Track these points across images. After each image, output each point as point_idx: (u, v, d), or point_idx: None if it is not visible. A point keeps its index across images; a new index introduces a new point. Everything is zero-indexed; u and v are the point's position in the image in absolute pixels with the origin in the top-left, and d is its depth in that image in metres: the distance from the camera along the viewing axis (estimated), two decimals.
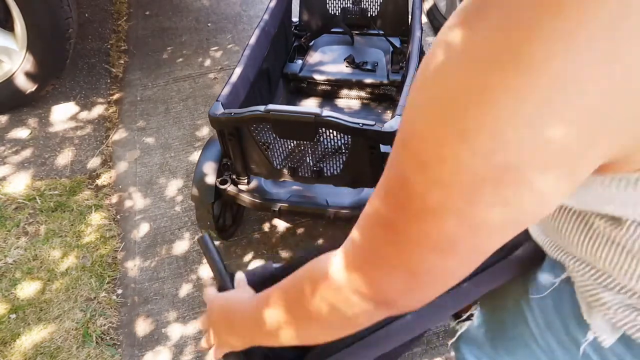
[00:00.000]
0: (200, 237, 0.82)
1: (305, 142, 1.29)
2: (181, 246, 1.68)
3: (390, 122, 1.20)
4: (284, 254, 1.64)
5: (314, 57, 1.89)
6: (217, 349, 0.68)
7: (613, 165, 0.39)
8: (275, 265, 0.78)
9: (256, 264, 1.61)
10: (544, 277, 0.69)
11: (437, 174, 0.38)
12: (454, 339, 0.94)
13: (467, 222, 0.39)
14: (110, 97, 2.24)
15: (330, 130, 1.22)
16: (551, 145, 0.33)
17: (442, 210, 0.39)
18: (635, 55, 0.30)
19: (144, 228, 1.74)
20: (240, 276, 0.72)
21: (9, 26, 1.97)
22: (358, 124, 1.18)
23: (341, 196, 1.42)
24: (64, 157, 2.00)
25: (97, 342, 1.45)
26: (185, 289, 1.56)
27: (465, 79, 0.34)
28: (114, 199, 1.84)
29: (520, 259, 0.77)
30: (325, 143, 1.27)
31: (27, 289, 1.57)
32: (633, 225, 0.47)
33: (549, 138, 0.33)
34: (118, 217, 1.78)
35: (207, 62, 2.39)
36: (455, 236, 0.40)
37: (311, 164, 1.33)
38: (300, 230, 1.70)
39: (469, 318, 0.90)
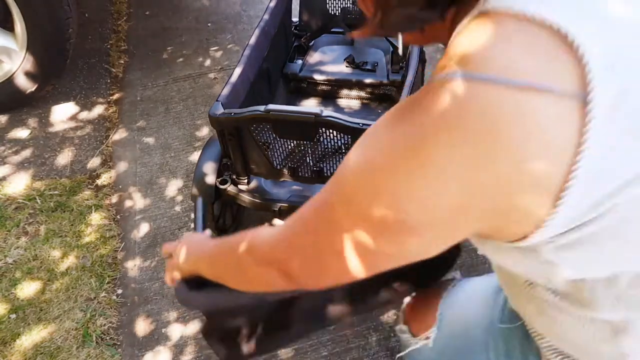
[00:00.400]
0: (194, 197, 1.14)
1: (305, 142, 1.29)
2: None
3: None
4: None
5: (314, 57, 1.89)
6: (168, 270, 0.88)
7: (493, 235, 0.52)
8: None
9: None
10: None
11: (356, 211, 0.52)
12: (403, 353, 0.98)
13: (368, 247, 0.53)
14: (110, 97, 2.24)
15: (330, 130, 1.22)
16: (430, 213, 0.48)
17: (351, 233, 0.53)
18: (483, 171, 0.44)
19: (144, 228, 1.74)
20: (208, 232, 0.95)
21: (9, 26, 1.97)
22: (358, 124, 1.18)
23: None
24: (64, 157, 2.00)
25: (97, 342, 1.45)
26: None
27: (383, 162, 0.49)
28: (114, 199, 1.84)
29: None
30: (325, 143, 1.27)
31: (27, 289, 1.57)
32: (537, 285, 0.60)
33: (428, 207, 0.47)
34: (118, 217, 1.78)
35: (207, 62, 2.39)
36: (357, 253, 0.54)
37: (311, 164, 1.33)
38: None
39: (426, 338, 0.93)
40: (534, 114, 0.42)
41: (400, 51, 0.57)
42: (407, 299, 1.01)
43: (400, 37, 0.57)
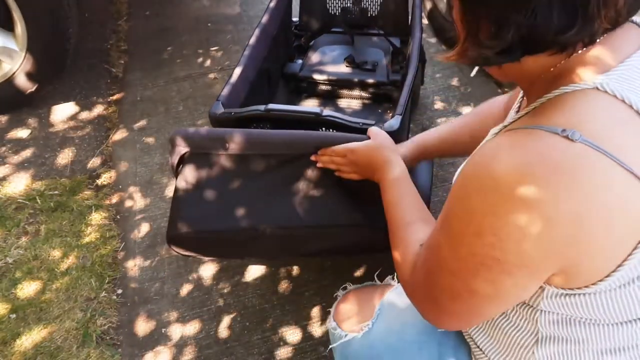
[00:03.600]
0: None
1: None
2: None
3: (390, 122, 1.20)
4: None
5: (314, 57, 1.89)
6: (345, 172, 1.06)
7: (562, 281, 0.58)
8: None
9: (257, 264, 1.60)
10: None
11: (458, 251, 0.60)
12: (333, 345, 0.97)
13: (467, 286, 0.60)
14: (110, 97, 2.24)
15: (331, 130, 1.22)
16: (520, 254, 0.54)
17: (455, 274, 0.61)
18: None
19: (144, 228, 1.74)
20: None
21: (9, 26, 1.97)
22: (358, 123, 1.18)
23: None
24: (64, 157, 2.00)
25: (97, 342, 1.45)
26: (185, 289, 1.56)
27: (489, 205, 0.55)
28: (114, 199, 1.84)
29: None
30: None
31: (27, 289, 1.57)
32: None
33: (518, 249, 0.54)
34: (118, 217, 1.78)
35: (207, 62, 2.39)
36: (459, 293, 0.62)
37: None
38: None
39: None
40: (633, 200, 0.51)
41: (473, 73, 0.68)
42: (339, 295, 1.04)
43: (476, 68, 0.67)
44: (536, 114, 0.58)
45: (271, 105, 1.21)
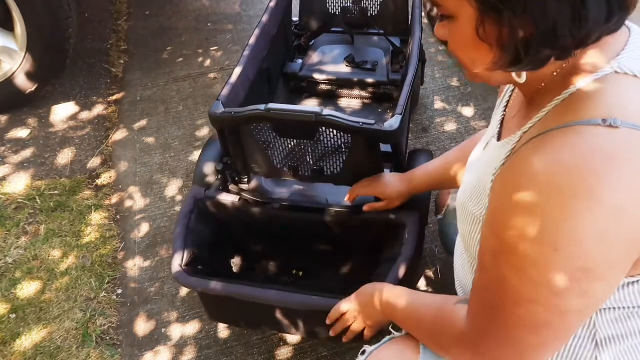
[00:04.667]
0: None
1: (305, 141, 1.29)
2: None
3: (390, 122, 1.20)
4: None
5: (314, 57, 1.89)
6: (370, 328, 0.97)
7: (634, 268, 0.56)
8: None
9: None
10: None
11: (530, 274, 0.54)
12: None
13: (554, 310, 0.55)
14: (110, 97, 2.24)
15: (331, 130, 1.22)
16: (605, 253, 0.51)
17: (535, 302, 0.55)
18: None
19: (144, 228, 1.74)
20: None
21: (9, 26, 1.97)
22: (358, 123, 1.17)
23: (341, 195, 1.41)
24: (64, 157, 1.99)
25: (97, 342, 1.45)
26: (185, 289, 1.56)
27: (556, 216, 0.52)
28: (114, 199, 1.84)
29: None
30: (326, 142, 1.27)
31: (27, 289, 1.56)
32: None
33: (602, 249, 0.51)
34: (118, 217, 1.78)
35: (207, 62, 2.39)
36: (544, 320, 0.56)
37: (311, 163, 1.33)
38: None
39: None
40: None
41: (523, 80, 0.60)
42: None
43: (524, 73, 0.60)
44: (560, 113, 0.57)
45: (271, 105, 1.21)
